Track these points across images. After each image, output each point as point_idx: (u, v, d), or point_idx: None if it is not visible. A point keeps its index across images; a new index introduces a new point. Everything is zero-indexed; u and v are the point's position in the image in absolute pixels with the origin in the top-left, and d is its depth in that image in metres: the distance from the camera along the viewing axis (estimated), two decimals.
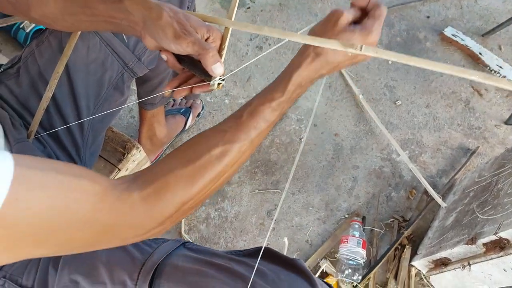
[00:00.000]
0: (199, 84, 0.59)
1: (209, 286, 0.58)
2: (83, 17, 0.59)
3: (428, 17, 1.54)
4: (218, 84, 0.56)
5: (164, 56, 0.58)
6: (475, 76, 0.43)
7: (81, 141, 0.79)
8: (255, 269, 0.57)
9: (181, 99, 1.34)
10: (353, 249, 1.13)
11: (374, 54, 0.47)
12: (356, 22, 0.53)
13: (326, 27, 0.52)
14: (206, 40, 0.56)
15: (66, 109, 0.76)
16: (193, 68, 0.57)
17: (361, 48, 0.47)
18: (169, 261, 0.61)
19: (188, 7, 0.83)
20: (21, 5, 0.62)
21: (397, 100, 1.40)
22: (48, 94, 0.70)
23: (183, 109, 1.31)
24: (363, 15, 0.54)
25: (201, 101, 1.35)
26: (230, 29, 0.56)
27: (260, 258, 0.65)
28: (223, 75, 0.56)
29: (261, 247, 0.69)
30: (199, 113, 1.34)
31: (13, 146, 0.69)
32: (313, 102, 1.39)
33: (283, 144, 1.32)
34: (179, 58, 0.58)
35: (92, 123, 0.80)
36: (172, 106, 1.32)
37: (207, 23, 0.58)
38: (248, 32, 1.48)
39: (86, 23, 0.60)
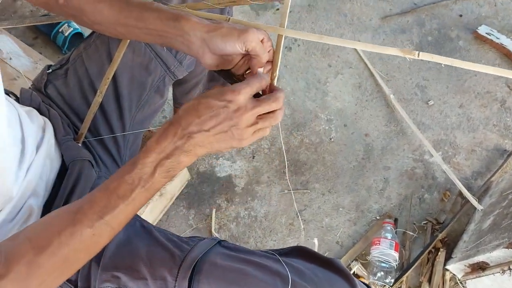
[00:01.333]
0: None
1: (247, 283, 0.58)
2: (136, 29, 0.61)
3: (460, 15, 1.50)
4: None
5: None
6: None
7: (123, 141, 0.81)
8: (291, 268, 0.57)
9: None
10: (386, 251, 1.11)
11: (431, 59, 0.48)
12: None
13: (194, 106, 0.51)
14: (262, 41, 0.57)
15: (110, 110, 0.78)
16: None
17: (418, 54, 0.47)
18: (208, 258, 0.61)
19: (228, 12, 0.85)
20: (74, 9, 0.64)
21: (429, 100, 1.37)
22: (98, 99, 0.72)
23: None
24: None
25: None
26: (283, 37, 0.58)
27: (297, 257, 0.65)
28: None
29: (298, 246, 0.69)
30: None
31: (61, 145, 0.71)
32: (343, 102, 1.37)
33: (312, 144, 1.32)
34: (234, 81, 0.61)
35: (133, 124, 0.82)
36: None
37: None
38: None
39: (138, 34, 0.62)
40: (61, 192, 0.66)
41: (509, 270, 0.95)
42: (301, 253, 0.67)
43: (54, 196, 0.67)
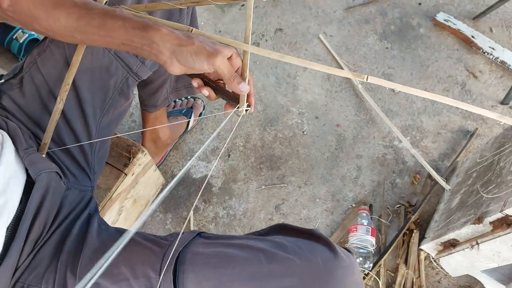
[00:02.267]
0: (231, 110, 0.62)
1: (232, 264, 0.59)
2: (96, 37, 0.59)
3: (420, 3, 1.55)
4: (246, 110, 0.60)
5: (205, 91, 0.61)
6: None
7: (89, 148, 0.79)
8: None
9: (183, 100, 1.34)
10: (363, 237, 1.15)
11: (378, 82, 0.54)
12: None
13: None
14: (229, 59, 0.59)
15: (73, 117, 0.76)
16: (220, 92, 0.61)
17: (367, 78, 0.52)
18: (189, 249, 0.62)
19: (186, 17, 0.83)
20: (23, 15, 0.61)
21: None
22: (59, 107, 0.70)
23: (185, 109, 1.31)
24: None
25: (202, 101, 1.35)
26: (249, 52, 0.59)
27: (278, 233, 0.67)
28: (249, 104, 0.60)
29: (277, 224, 0.71)
30: (201, 113, 1.34)
31: (24, 159, 0.69)
32: (313, 95, 1.40)
33: (286, 138, 1.33)
34: (206, 83, 0.62)
35: (99, 129, 0.80)
36: (174, 108, 1.33)
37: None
38: (244, 29, 1.49)
39: (98, 42, 0.61)
40: (28, 208, 0.63)
41: (477, 245, 1.00)
42: (281, 229, 0.69)
43: (20, 213, 0.64)
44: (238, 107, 0.59)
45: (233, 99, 0.60)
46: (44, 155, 0.72)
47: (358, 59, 1.45)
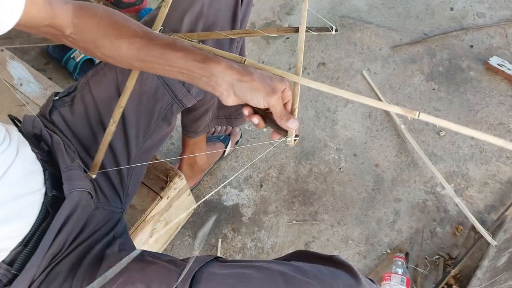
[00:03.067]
0: (278, 138, 0.63)
1: (248, 284, 0.58)
2: (155, 65, 0.61)
3: (471, 46, 1.50)
4: (294, 140, 0.60)
5: (255, 119, 0.62)
6: None
7: (127, 170, 0.80)
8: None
9: (221, 127, 1.35)
10: (396, 287, 1.08)
11: (429, 120, 0.53)
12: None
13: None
14: (282, 92, 0.59)
15: (115, 138, 0.77)
16: (269, 121, 0.62)
17: (418, 115, 0.52)
18: (206, 269, 0.61)
19: (236, 46, 0.85)
20: (85, 43, 0.64)
21: (440, 131, 1.35)
22: (112, 128, 0.71)
23: (223, 136, 1.32)
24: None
25: (240, 129, 1.36)
26: (300, 84, 0.60)
27: (299, 259, 0.65)
28: (297, 132, 0.60)
29: (297, 250, 0.70)
30: (238, 141, 1.34)
31: (63, 173, 0.70)
32: (352, 132, 1.36)
33: (321, 173, 1.30)
34: (255, 112, 0.63)
35: (139, 153, 0.81)
36: (213, 134, 1.34)
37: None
38: (287, 61, 1.50)
39: (156, 70, 0.62)
40: (54, 224, 0.63)
41: None
42: (302, 255, 0.68)
43: (45, 227, 0.63)
44: (286, 137, 0.60)
45: (281, 128, 0.61)
46: (94, 176, 0.74)
47: (402, 98, 1.41)
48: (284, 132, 0.60)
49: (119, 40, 0.61)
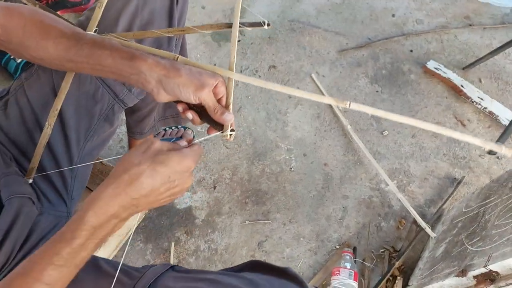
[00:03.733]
0: (215, 133, 0.62)
1: None
2: (85, 65, 0.60)
3: (411, 50, 1.60)
4: (230, 134, 0.61)
5: (190, 115, 0.61)
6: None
7: (69, 173, 0.78)
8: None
9: (173, 128, 1.34)
10: (345, 281, 1.12)
11: (359, 109, 0.54)
12: None
13: (141, 153, 0.52)
14: (215, 87, 0.59)
15: (55, 142, 0.75)
16: (204, 117, 0.62)
17: (349, 105, 0.54)
18: (160, 283, 0.60)
19: (176, 44, 0.85)
20: (14, 45, 0.62)
21: (384, 131, 1.43)
22: (47, 131, 0.70)
23: (174, 139, 1.31)
24: None
25: (192, 131, 1.35)
26: (233, 79, 0.61)
27: (252, 270, 0.65)
28: (232, 126, 0.60)
29: (250, 260, 0.70)
30: None
31: (0, 179, 0.67)
32: (302, 132, 1.40)
33: (273, 173, 1.33)
34: (190, 107, 0.63)
35: (81, 156, 0.79)
36: (163, 136, 1.32)
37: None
38: (238, 64, 1.52)
39: (88, 70, 0.61)
40: None
41: None
42: (255, 266, 0.68)
43: None
44: (222, 132, 0.60)
45: (217, 123, 0.61)
46: (31, 180, 0.71)
47: (348, 100, 1.47)
48: (220, 127, 0.61)
49: (45, 40, 0.60)
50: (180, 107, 0.61)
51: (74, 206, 0.82)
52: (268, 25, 0.61)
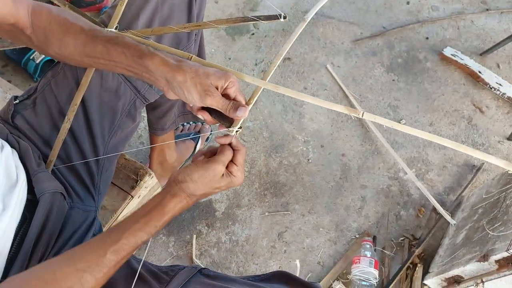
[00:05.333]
0: (224, 130, 0.63)
1: None
2: (102, 61, 0.62)
3: (427, 38, 1.58)
4: (237, 131, 0.60)
5: (201, 116, 0.62)
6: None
7: (96, 168, 0.81)
8: None
9: (191, 124, 1.36)
10: (366, 269, 1.13)
11: (373, 119, 0.56)
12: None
13: (205, 178, 0.59)
14: (225, 88, 0.58)
15: (82, 138, 0.78)
16: (215, 114, 0.62)
17: (362, 114, 0.56)
18: None
19: (195, 40, 0.86)
20: (40, 42, 0.65)
21: (401, 119, 1.42)
22: (66, 126, 0.72)
23: (192, 133, 1.33)
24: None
25: (210, 126, 1.37)
26: (262, 88, 0.62)
27: (278, 281, 0.66)
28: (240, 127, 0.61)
29: (278, 271, 0.70)
30: (208, 138, 1.36)
31: (33, 177, 0.70)
32: (319, 124, 1.41)
33: (291, 165, 1.34)
34: (202, 107, 0.62)
35: (107, 150, 0.82)
36: (182, 131, 1.35)
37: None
38: (253, 57, 1.53)
39: (105, 66, 0.63)
40: (31, 228, 0.64)
41: (482, 283, 0.98)
42: (282, 278, 0.68)
43: (24, 232, 0.64)
44: (229, 129, 0.60)
45: (228, 120, 0.61)
46: (49, 171, 0.74)
47: (364, 90, 1.47)
48: (228, 123, 0.60)
49: (67, 37, 0.62)
50: (199, 115, 0.62)
51: (101, 201, 0.85)
52: (285, 17, 0.60)
